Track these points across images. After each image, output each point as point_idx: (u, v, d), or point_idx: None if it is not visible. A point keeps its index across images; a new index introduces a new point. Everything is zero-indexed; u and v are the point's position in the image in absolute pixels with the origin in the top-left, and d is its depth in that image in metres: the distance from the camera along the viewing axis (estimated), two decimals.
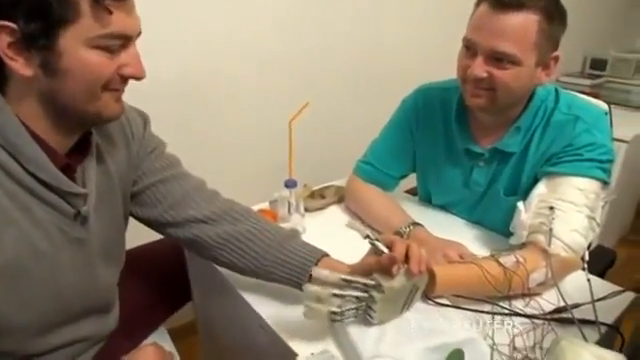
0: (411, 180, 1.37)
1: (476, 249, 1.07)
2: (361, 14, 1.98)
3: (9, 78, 0.69)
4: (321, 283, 0.78)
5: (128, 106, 0.87)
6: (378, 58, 2.11)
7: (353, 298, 0.79)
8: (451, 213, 1.29)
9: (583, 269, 0.90)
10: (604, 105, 1.26)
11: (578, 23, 1.62)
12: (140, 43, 0.74)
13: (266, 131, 1.73)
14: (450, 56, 1.07)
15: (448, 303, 0.89)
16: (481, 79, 0.97)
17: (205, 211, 0.93)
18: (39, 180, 0.71)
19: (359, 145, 1.34)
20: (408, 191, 1.52)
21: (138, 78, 0.74)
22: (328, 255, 0.91)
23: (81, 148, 0.80)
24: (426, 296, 0.90)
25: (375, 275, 0.81)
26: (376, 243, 0.84)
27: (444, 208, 1.31)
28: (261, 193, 1.26)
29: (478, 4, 0.98)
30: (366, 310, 0.81)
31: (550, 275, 0.91)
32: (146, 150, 0.94)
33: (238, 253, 0.92)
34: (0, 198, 0.68)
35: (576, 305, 0.86)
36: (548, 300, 0.92)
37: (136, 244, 1.15)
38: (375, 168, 1.27)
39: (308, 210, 1.27)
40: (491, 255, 0.96)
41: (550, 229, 0.93)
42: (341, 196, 1.34)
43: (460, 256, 0.99)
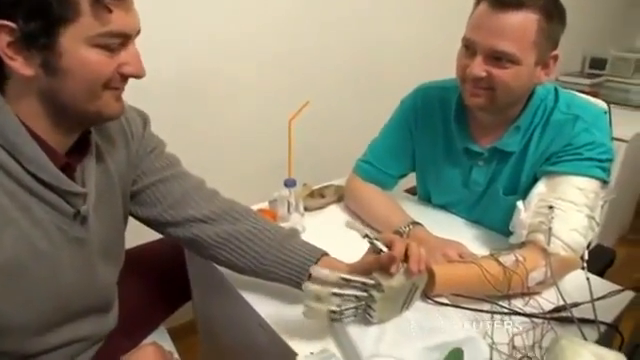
0: (411, 179, 1.37)
1: (475, 248, 1.07)
2: (361, 13, 1.97)
3: (9, 77, 0.69)
4: (321, 282, 0.78)
5: (128, 106, 0.87)
6: (378, 57, 2.11)
7: (353, 297, 0.79)
8: (450, 212, 1.29)
9: (582, 268, 0.90)
10: (603, 104, 1.25)
11: (577, 22, 1.62)
12: (140, 42, 0.74)
13: (266, 130, 1.74)
14: (449, 55, 1.07)
15: (447, 302, 0.90)
16: (480, 78, 0.97)
17: (205, 210, 0.93)
18: (38, 179, 0.71)
19: (359, 144, 1.34)
20: (408, 190, 1.52)
21: (138, 76, 0.74)
22: (328, 254, 0.91)
23: (80, 147, 0.80)
24: (425, 295, 0.90)
25: (374, 274, 0.81)
26: (375, 242, 0.84)
27: (443, 207, 1.31)
28: (261, 192, 1.26)
29: (477, 3, 0.98)
30: (366, 309, 0.81)
31: (549, 274, 0.91)
32: (146, 150, 0.94)
33: (238, 252, 0.92)
34: None
35: (575, 304, 0.86)
36: (547, 299, 0.92)
37: (136, 244, 1.15)
38: (374, 167, 1.27)
39: (308, 209, 1.27)
40: (490, 254, 0.96)
41: (549, 228, 0.93)
42: (341, 195, 1.34)
43: (460, 255, 0.99)
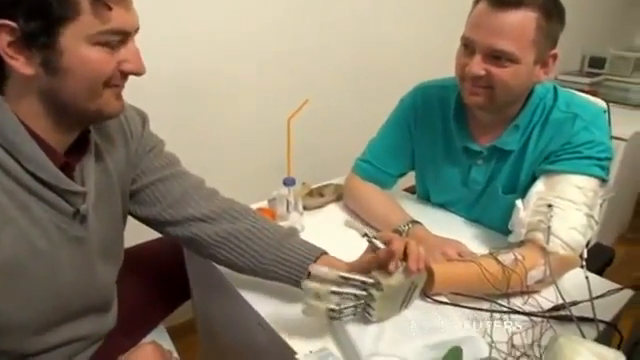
0: (410, 178, 1.37)
1: (475, 247, 1.07)
2: (360, 13, 1.97)
3: (8, 77, 0.69)
4: (320, 280, 0.78)
5: (127, 105, 0.87)
6: (377, 56, 2.11)
7: (352, 296, 0.79)
8: (450, 211, 1.29)
9: (581, 267, 0.90)
10: (603, 103, 1.25)
11: (577, 21, 1.62)
12: (139, 42, 0.74)
13: (265, 129, 1.73)
14: (449, 54, 1.07)
15: (447, 301, 0.90)
16: (479, 77, 0.97)
17: (204, 210, 0.93)
18: (38, 178, 0.71)
19: (358, 143, 1.34)
20: (407, 189, 1.52)
21: (138, 74, 0.74)
22: (327, 253, 0.91)
23: (80, 146, 0.80)
24: (425, 294, 0.90)
25: (374, 273, 0.81)
26: (374, 241, 0.84)
27: (443, 206, 1.31)
28: (260, 191, 1.26)
29: (476, 2, 0.98)
30: (365, 308, 0.81)
31: (548, 273, 0.91)
32: (145, 149, 0.94)
33: (237, 251, 0.92)
34: None
35: (574, 303, 0.86)
36: (547, 298, 0.92)
37: (135, 243, 1.15)
38: (373, 166, 1.27)
39: (307, 208, 1.27)
40: (490, 253, 0.96)
41: (548, 227, 0.93)
42: (340, 194, 1.34)
43: (459, 254, 0.99)
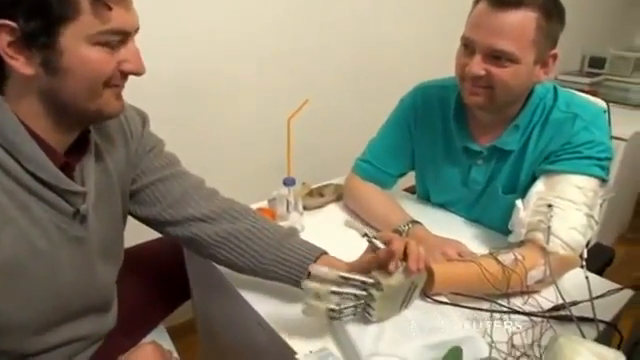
0: (410, 178, 1.37)
1: (475, 247, 1.07)
2: (360, 13, 1.97)
3: (8, 77, 0.69)
4: (320, 280, 0.78)
5: (127, 105, 0.87)
6: (377, 56, 2.11)
7: (352, 296, 0.79)
8: (450, 211, 1.29)
9: (581, 267, 0.90)
10: (602, 103, 1.25)
11: (577, 21, 1.62)
12: (139, 42, 0.74)
13: (265, 129, 1.73)
14: (449, 54, 1.07)
15: (447, 301, 0.90)
16: (479, 77, 0.97)
17: (204, 209, 0.93)
18: (38, 179, 0.71)
19: (358, 143, 1.34)
20: (407, 189, 1.52)
21: (138, 74, 0.74)
22: (327, 253, 0.91)
23: (80, 146, 0.80)
24: (425, 294, 0.90)
25: (374, 273, 0.81)
26: (374, 241, 0.84)
27: (443, 206, 1.31)
28: (260, 191, 1.26)
29: (476, 2, 0.98)
30: (365, 308, 0.81)
31: (549, 273, 0.91)
32: (145, 149, 0.94)
33: (237, 251, 0.92)
34: None
35: (574, 303, 0.86)
36: (547, 298, 0.92)
37: (135, 243, 1.15)
38: (373, 166, 1.27)
39: (307, 208, 1.27)
40: (490, 253, 0.96)
41: (548, 227, 0.93)
42: (340, 194, 1.34)
43: (459, 254, 0.99)
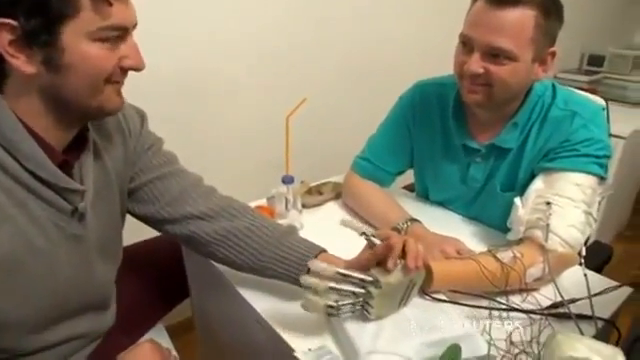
0: (409, 176, 1.37)
1: (473, 245, 1.07)
2: (359, 10, 1.97)
3: (8, 75, 0.69)
4: (318, 276, 0.78)
5: (126, 103, 0.87)
6: (376, 54, 2.10)
7: (350, 293, 0.79)
8: (448, 209, 1.29)
9: (580, 264, 0.90)
10: (601, 101, 1.26)
11: (576, 19, 1.62)
12: (139, 41, 0.74)
13: (263, 127, 1.73)
14: (447, 52, 1.07)
15: (445, 299, 0.90)
16: (478, 75, 0.97)
17: (202, 207, 0.93)
18: (36, 177, 0.71)
19: (357, 141, 1.34)
20: (406, 187, 1.52)
21: (138, 69, 0.74)
22: (326, 251, 0.91)
23: (78, 144, 0.80)
24: (423, 292, 0.90)
25: (372, 271, 0.81)
26: (372, 239, 0.84)
27: (442, 204, 1.31)
28: (258, 189, 1.25)
29: (475, 0, 0.98)
30: (363, 306, 0.81)
31: (547, 270, 0.91)
32: (143, 147, 0.94)
33: (236, 249, 0.92)
34: None
35: (573, 300, 0.86)
36: (545, 295, 0.92)
37: (133, 241, 1.15)
38: (372, 164, 1.27)
39: (305, 206, 1.27)
40: (488, 251, 0.96)
41: (547, 224, 0.93)
42: (338, 192, 1.34)
43: (457, 252, 0.99)
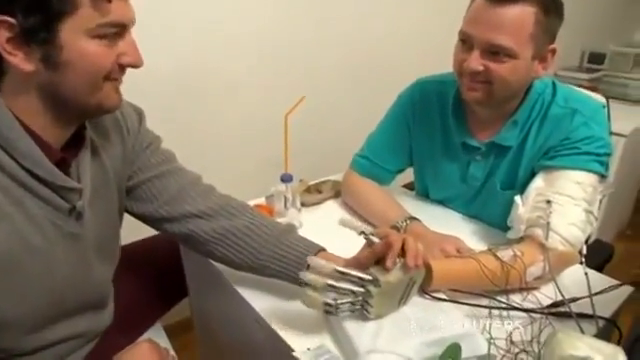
0: (408, 175, 1.37)
1: (473, 243, 1.06)
2: (358, 8, 1.97)
3: (6, 73, 0.68)
4: (317, 273, 0.77)
5: (124, 101, 0.86)
6: (375, 52, 2.10)
7: (349, 292, 0.79)
8: (448, 207, 1.29)
9: (581, 263, 0.90)
10: (602, 98, 1.25)
11: (576, 17, 1.62)
12: (138, 40, 0.74)
13: (262, 126, 1.73)
14: (447, 50, 1.07)
15: (445, 297, 0.89)
16: (477, 72, 0.97)
17: (201, 206, 0.92)
18: (33, 175, 0.71)
19: (356, 140, 1.34)
20: (405, 186, 1.51)
21: (136, 66, 0.74)
22: (325, 250, 0.91)
23: (75, 142, 0.79)
24: (423, 290, 0.90)
25: (371, 269, 0.80)
26: (371, 238, 0.84)
27: (441, 202, 1.30)
28: (257, 188, 1.25)
29: None
30: (363, 305, 0.81)
31: (548, 269, 0.90)
32: (141, 145, 0.94)
33: (234, 248, 0.91)
34: None
35: (574, 299, 0.85)
36: (546, 294, 0.91)
37: (131, 240, 1.15)
38: (371, 162, 1.27)
39: (304, 205, 1.27)
40: (488, 249, 0.96)
41: (547, 223, 0.93)
42: (338, 191, 1.34)
43: (457, 250, 0.99)
